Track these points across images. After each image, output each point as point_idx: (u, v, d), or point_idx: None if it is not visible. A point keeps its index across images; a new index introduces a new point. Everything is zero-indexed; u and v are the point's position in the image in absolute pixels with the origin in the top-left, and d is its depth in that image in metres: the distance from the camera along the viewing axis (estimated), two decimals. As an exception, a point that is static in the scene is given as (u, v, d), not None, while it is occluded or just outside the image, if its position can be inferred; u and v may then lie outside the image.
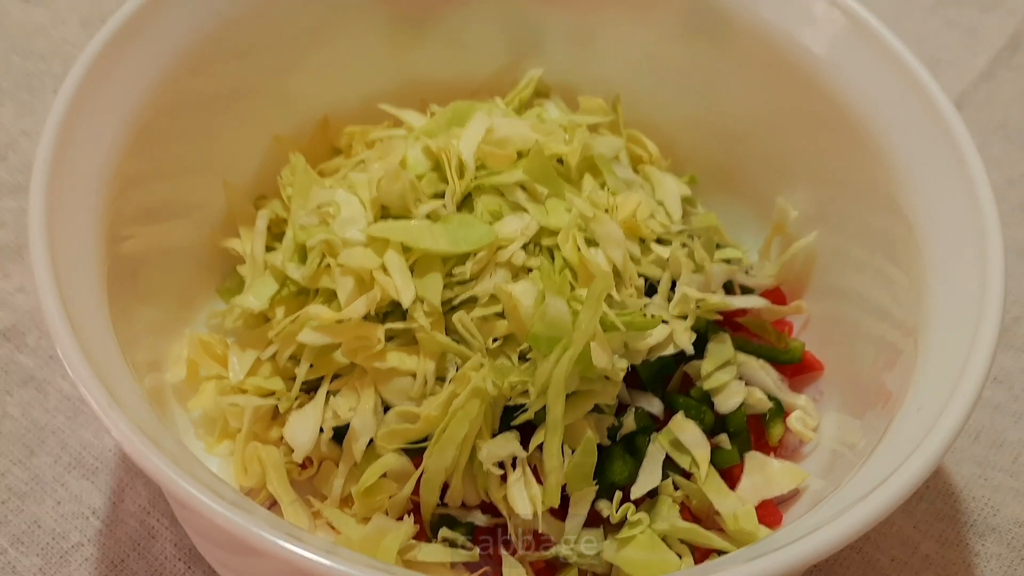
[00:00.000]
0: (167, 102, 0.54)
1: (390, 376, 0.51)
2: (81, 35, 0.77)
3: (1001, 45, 0.82)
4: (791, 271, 0.61)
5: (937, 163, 0.50)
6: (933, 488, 0.60)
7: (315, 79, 0.62)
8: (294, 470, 0.53)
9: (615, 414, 0.52)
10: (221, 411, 0.54)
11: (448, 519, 0.51)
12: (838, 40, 0.55)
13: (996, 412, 0.63)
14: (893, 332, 0.52)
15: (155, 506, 0.56)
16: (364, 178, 0.55)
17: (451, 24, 0.63)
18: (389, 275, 0.51)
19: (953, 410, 0.42)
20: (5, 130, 0.71)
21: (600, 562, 0.50)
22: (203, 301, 0.60)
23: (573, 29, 0.64)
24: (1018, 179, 0.74)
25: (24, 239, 0.66)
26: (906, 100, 0.52)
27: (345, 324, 0.51)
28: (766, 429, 0.56)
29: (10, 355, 0.61)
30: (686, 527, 0.50)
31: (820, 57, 0.56)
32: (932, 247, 0.49)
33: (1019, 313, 0.67)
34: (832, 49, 0.55)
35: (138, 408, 0.43)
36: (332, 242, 0.52)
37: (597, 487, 0.50)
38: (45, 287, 0.43)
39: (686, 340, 0.53)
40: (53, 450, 0.58)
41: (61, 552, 0.55)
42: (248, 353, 0.55)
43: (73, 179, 0.47)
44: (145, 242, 0.54)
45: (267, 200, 0.61)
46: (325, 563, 0.37)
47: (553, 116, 0.61)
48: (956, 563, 0.57)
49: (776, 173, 0.62)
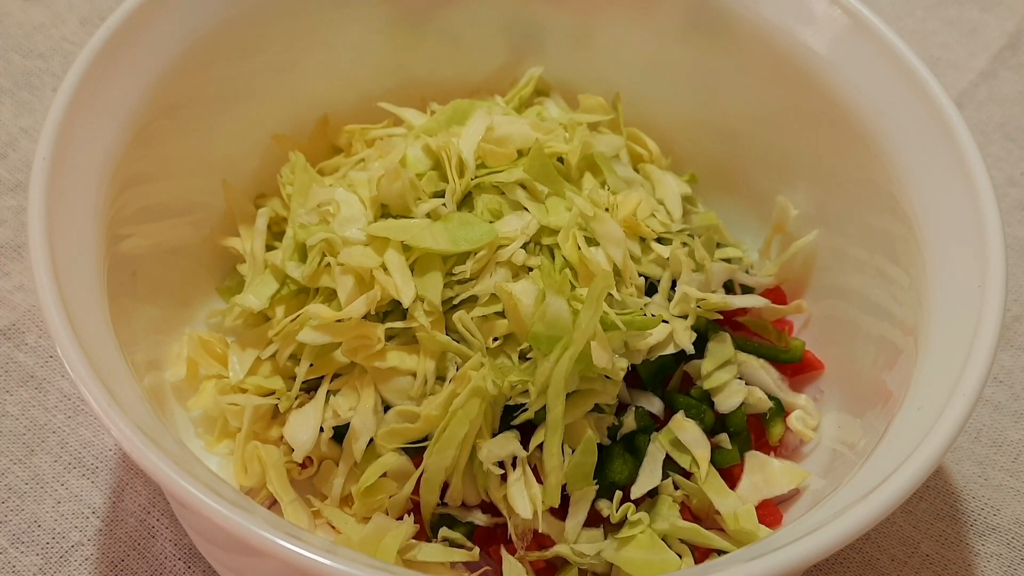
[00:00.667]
0: (167, 101, 0.54)
1: (390, 375, 0.51)
2: (81, 34, 0.77)
3: (1001, 44, 0.82)
4: (791, 270, 0.61)
5: (937, 162, 0.50)
6: (933, 488, 0.60)
7: (315, 79, 0.62)
8: (294, 470, 0.53)
9: (615, 413, 0.52)
10: (221, 410, 0.54)
11: (448, 519, 0.51)
12: (839, 39, 0.55)
13: (996, 411, 0.63)
14: (893, 331, 0.52)
15: (155, 505, 0.56)
16: (364, 177, 0.55)
17: (451, 23, 0.63)
18: (389, 274, 0.51)
19: (953, 409, 0.42)
20: (5, 128, 0.71)
21: (600, 561, 0.50)
22: (203, 300, 0.60)
23: (573, 29, 0.63)
24: (1019, 178, 0.74)
25: (23, 237, 0.66)
26: (907, 99, 0.52)
27: (345, 323, 0.51)
28: (766, 428, 0.56)
29: (9, 354, 0.61)
30: (686, 527, 0.50)
31: (821, 56, 0.55)
32: (932, 246, 0.49)
33: (1019, 312, 0.67)
34: (833, 48, 0.55)
35: (138, 407, 0.43)
36: (332, 241, 0.52)
37: (597, 487, 0.50)
38: (44, 286, 0.43)
39: (686, 339, 0.53)
40: (53, 449, 0.58)
41: (61, 551, 0.55)
42: (248, 352, 0.55)
43: (73, 178, 0.47)
44: (145, 241, 0.54)
45: (267, 199, 0.61)
46: (325, 563, 0.37)
47: (553, 114, 0.61)
48: (956, 563, 0.57)
49: (776, 172, 0.62)
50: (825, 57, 0.55)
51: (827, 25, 0.55)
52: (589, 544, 0.50)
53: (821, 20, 0.55)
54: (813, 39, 0.55)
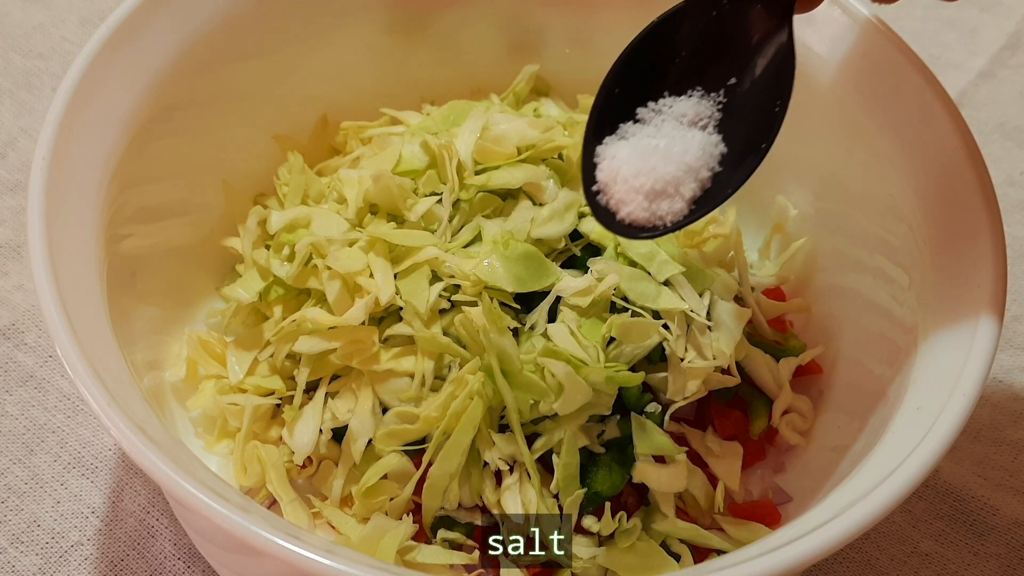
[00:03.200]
0: (167, 101, 0.54)
1: (387, 377, 0.51)
2: (80, 34, 0.77)
3: (1001, 44, 0.82)
4: (791, 270, 0.61)
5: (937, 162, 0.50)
6: (932, 487, 0.59)
7: (315, 79, 0.62)
8: (294, 470, 0.53)
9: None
10: (220, 410, 0.54)
11: (447, 520, 0.51)
12: (839, 39, 0.55)
13: (996, 411, 0.63)
14: (893, 331, 0.52)
15: (154, 505, 0.56)
16: (355, 175, 0.55)
17: (451, 24, 0.63)
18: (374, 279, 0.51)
19: (953, 409, 0.42)
20: (4, 128, 0.71)
21: (594, 565, 0.50)
22: (202, 300, 0.60)
23: (573, 29, 0.63)
24: (1018, 178, 0.74)
25: (23, 237, 0.66)
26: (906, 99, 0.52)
27: (341, 328, 0.51)
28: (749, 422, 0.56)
29: (9, 354, 0.61)
30: (685, 527, 0.50)
31: (820, 56, 0.55)
32: (932, 246, 0.49)
33: (1019, 312, 0.67)
34: (833, 48, 0.55)
35: (137, 407, 0.43)
36: (318, 244, 0.52)
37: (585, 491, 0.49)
38: (44, 285, 0.43)
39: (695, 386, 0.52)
40: (52, 449, 0.58)
41: (60, 551, 0.55)
42: (247, 353, 0.55)
43: (72, 178, 0.47)
44: (144, 241, 0.54)
45: (267, 199, 0.61)
46: (324, 563, 0.37)
47: (552, 113, 0.61)
48: (955, 562, 0.57)
49: (776, 173, 0.61)
50: (825, 57, 0.55)
51: (827, 25, 0.55)
52: (584, 548, 0.50)
53: (821, 20, 0.55)
54: (813, 39, 0.55)
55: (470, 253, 0.52)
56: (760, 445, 0.56)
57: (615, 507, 0.50)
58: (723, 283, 0.55)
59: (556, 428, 0.49)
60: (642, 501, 0.52)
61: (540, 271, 0.51)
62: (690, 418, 0.55)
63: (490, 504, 0.50)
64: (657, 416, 0.52)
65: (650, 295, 0.51)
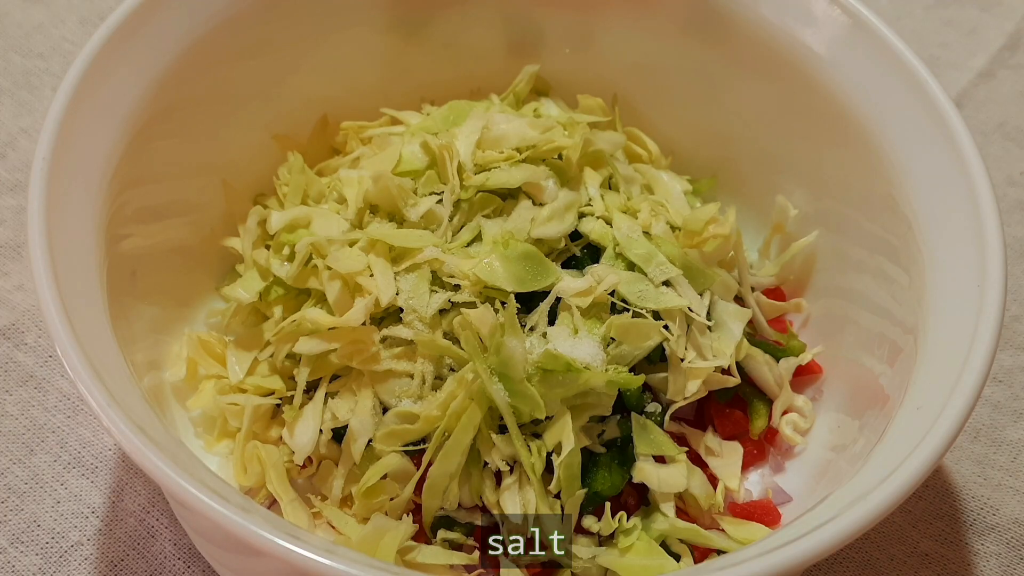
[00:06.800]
0: (167, 101, 0.54)
1: (386, 377, 0.51)
2: (80, 34, 0.77)
3: (1000, 44, 0.82)
4: (791, 270, 0.61)
5: (937, 162, 0.50)
6: (932, 487, 0.60)
7: (315, 79, 0.62)
8: (294, 469, 0.53)
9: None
10: (220, 410, 0.54)
11: (447, 520, 0.51)
12: (839, 39, 0.55)
13: (996, 411, 0.63)
14: (893, 331, 0.52)
15: (154, 505, 0.56)
16: (355, 175, 0.55)
17: (451, 24, 0.63)
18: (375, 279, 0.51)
19: (953, 409, 0.42)
20: (4, 128, 0.71)
21: (594, 565, 0.50)
22: (202, 300, 0.60)
23: (573, 29, 0.63)
24: (1018, 177, 0.74)
25: (23, 237, 0.66)
26: (906, 99, 0.52)
27: (341, 329, 0.51)
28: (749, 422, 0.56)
29: (9, 354, 0.61)
30: (685, 527, 0.50)
31: (821, 56, 0.55)
32: (932, 246, 0.49)
33: (1019, 312, 0.67)
34: (833, 48, 0.55)
35: (137, 407, 0.43)
36: (318, 244, 0.52)
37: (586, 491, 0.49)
38: (44, 285, 0.43)
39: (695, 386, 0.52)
40: (52, 449, 0.58)
41: (60, 551, 0.55)
42: (247, 352, 0.55)
43: (72, 177, 0.47)
44: (144, 241, 0.54)
45: (267, 199, 0.61)
46: (324, 562, 0.37)
47: (552, 113, 0.61)
48: (955, 562, 0.57)
49: (776, 173, 0.62)
50: (825, 57, 0.55)
51: (827, 25, 0.55)
52: (584, 548, 0.50)
53: (821, 20, 0.55)
54: (813, 39, 0.55)
55: (470, 253, 0.52)
56: (760, 445, 0.56)
57: (615, 507, 0.50)
58: (723, 283, 0.55)
59: (556, 428, 0.49)
60: (642, 501, 0.52)
61: (540, 271, 0.51)
62: (690, 418, 0.55)
63: (490, 504, 0.50)
64: (657, 416, 0.52)
65: (650, 295, 0.51)
